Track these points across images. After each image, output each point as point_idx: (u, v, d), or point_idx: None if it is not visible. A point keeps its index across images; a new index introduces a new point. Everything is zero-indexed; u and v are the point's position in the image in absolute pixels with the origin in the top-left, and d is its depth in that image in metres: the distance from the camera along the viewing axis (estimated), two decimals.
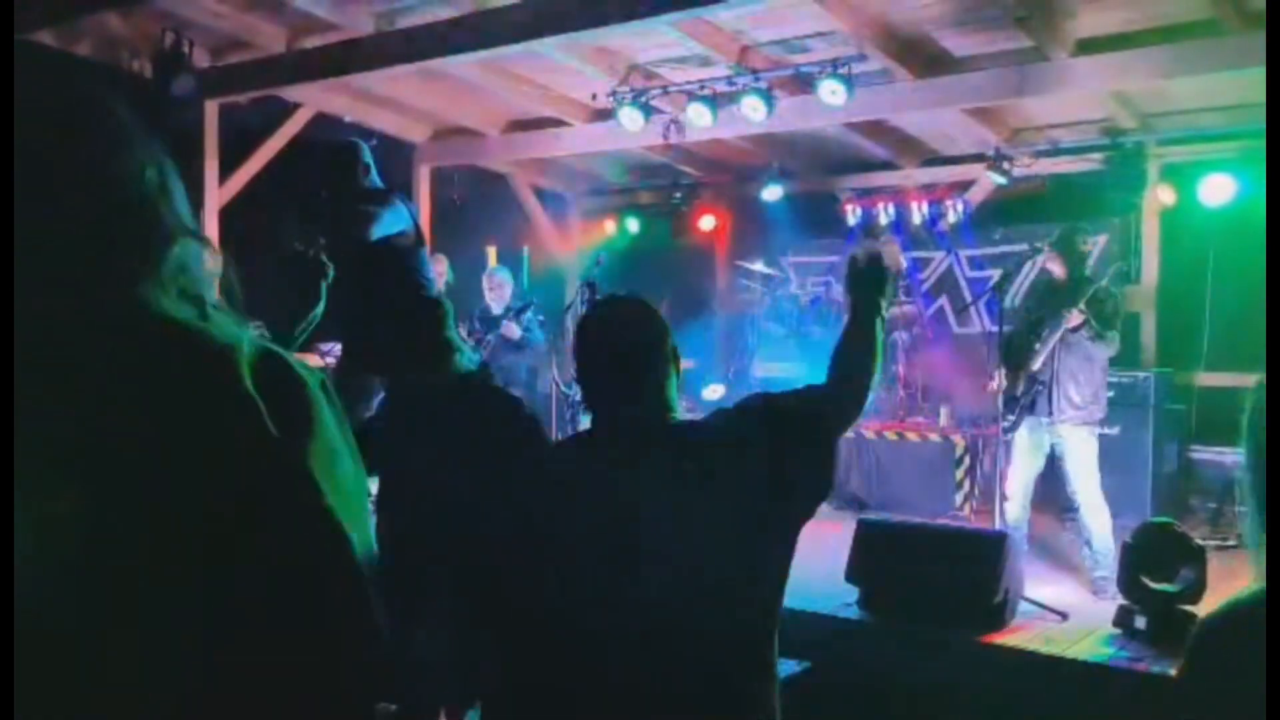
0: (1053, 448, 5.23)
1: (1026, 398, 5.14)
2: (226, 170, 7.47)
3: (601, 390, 2.18)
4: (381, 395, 5.54)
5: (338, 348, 6.45)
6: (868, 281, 2.37)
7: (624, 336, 2.16)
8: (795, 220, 9.52)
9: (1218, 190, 7.42)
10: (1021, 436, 5.21)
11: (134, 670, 0.87)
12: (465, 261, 8.53)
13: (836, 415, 2.24)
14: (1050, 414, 5.12)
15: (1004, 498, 5.18)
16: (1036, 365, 5.11)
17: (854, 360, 2.28)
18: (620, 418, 2.15)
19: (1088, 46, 6.15)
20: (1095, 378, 5.22)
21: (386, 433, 3.47)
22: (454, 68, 6.77)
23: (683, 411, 2.22)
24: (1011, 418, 5.18)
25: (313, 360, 8.13)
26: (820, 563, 4.89)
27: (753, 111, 6.81)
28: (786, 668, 3.94)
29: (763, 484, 2.03)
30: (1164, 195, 7.89)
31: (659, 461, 2.05)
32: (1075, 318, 5.05)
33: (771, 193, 9.30)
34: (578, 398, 6.84)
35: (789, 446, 2.08)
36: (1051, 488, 5.74)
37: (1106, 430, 5.39)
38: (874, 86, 6.81)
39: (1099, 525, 5.03)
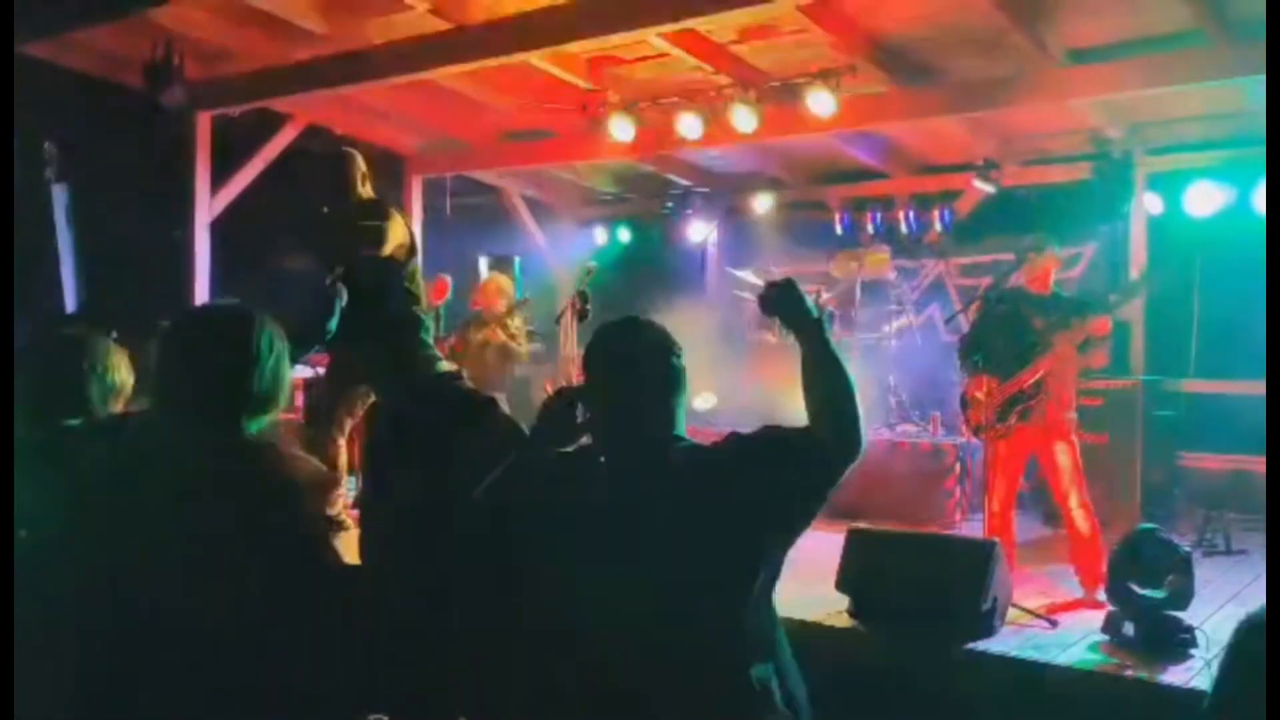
0: (1034, 456, 5.28)
1: (1022, 405, 5.15)
2: (217, 181, 7.48)
3: (610, 410, 2.21)
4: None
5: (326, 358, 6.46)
6: (787, 304, 2.26)
7: (638, 359, 2.21)
8: (785, 229, 9.56)
9: (1204, 199, 7.47)
10: (1003, 446, 5.23)
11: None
12: (457, 272, 8.54)
13: (837, 464, 2.16)
14: (1044, 422, 5.14)
15: (989, 508, 5.21)
16: (1039, 374, 5.12)
17: (831, 397, 2.16)
18: (627, 438, 2.20)
19: (1075, 57, 6.19)
20: (1074, 382, 5.28)
21: (375, 442, 3.48)
22: (445, 79, 6.79)
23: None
24: (1003, 426, 5.19)
25: (300, 370, 8.13)
26: (811, 571, 4.91)
27: (742, 122, 6.85)
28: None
29: (752, 515, 2.09)
30: (1151, 204, 7.94)
31: (661, 483, 2.11)
32: (1107, 324, 5.04)
33: (761, 202, 9.34)
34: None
35: (787, 486, 2.13)
36: (1039, 494, 5.76)
37: (1092, 437, 5.41)
38: (863, 97, 6.85)
39: (1089, 528, 5.07)
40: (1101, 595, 4.66)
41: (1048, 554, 5.75)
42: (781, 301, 2.24)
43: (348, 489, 5.95)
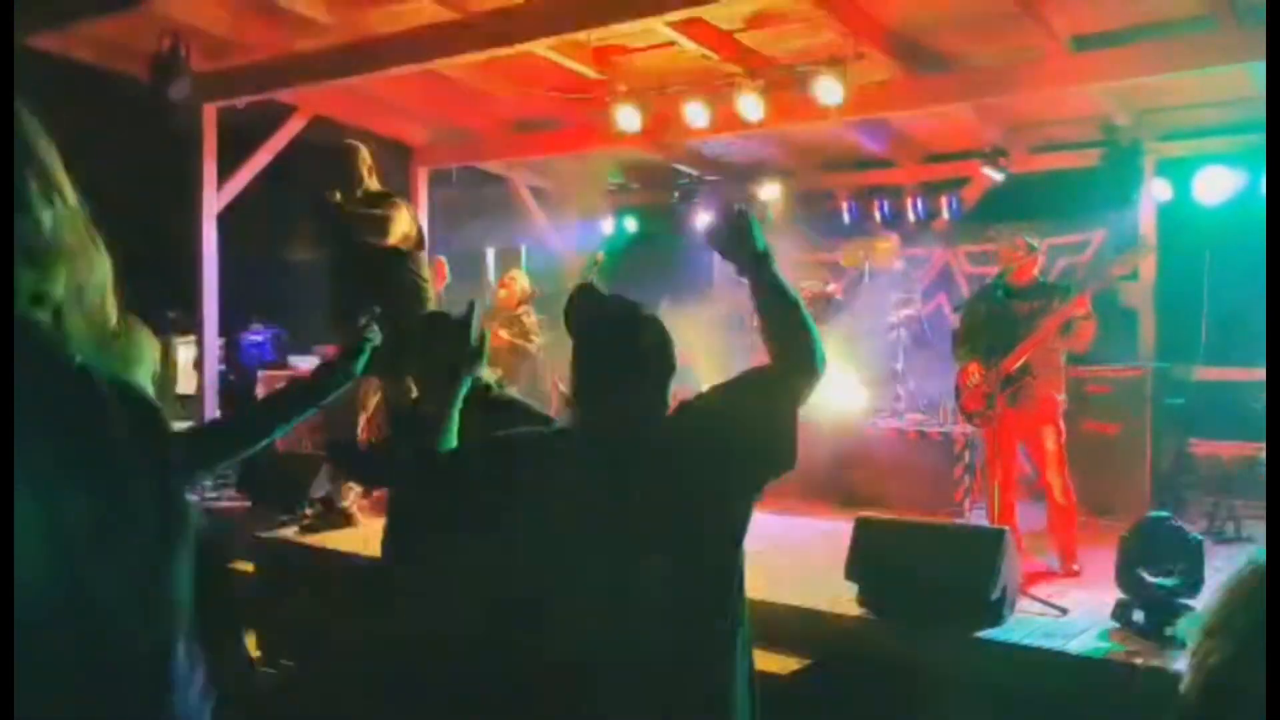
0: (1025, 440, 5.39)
1: (1011, 388, 5.24)
2: (224, 173, 7.48)
3: (589, 386, 2.24)
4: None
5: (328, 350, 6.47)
6: (734, 238, 2.18)
7: (620, 338, 2.21)
8: (793, 218, 9.53)
9: (1213, 185, 7.43)
10: (997, 433, 5.32)
11: None
12: (463, 262, 8.55)
13: (801, 386, 2.16)
14: (1034, 406, 5.23)
15: (991, 497, 5.25)
16: (1023, 359, 5.21)
17: (792, 326, 2.15)
18: (605, 412, 2.21)
19: (1082, 43, 6.17)
20: (1060, 366, 5.37)
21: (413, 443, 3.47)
22: (451, 69, 6.79)
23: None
24: (991, 412, 5.28)
25: (310, 362, 8.14)
26: (819, 560, 4.92)
27: (749, 110, 6.83)
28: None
29: (712, 465, 2.11)
30: (1160, 190, 7.90)
31: (633, 454, 2.14)
32: (1084, 302, 5.12)
33: (768, 191, 9.31)
34: None
35: (742, 426, 2.14)
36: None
37: (1102, 426, 5.47)
38: (870, 84, 6.83)
39: (1068, 504, 5.26)
40: (1077, 565, 5.09)
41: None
42: (731, 236, 2.18)
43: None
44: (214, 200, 7.38)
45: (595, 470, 2.14)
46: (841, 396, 7.83)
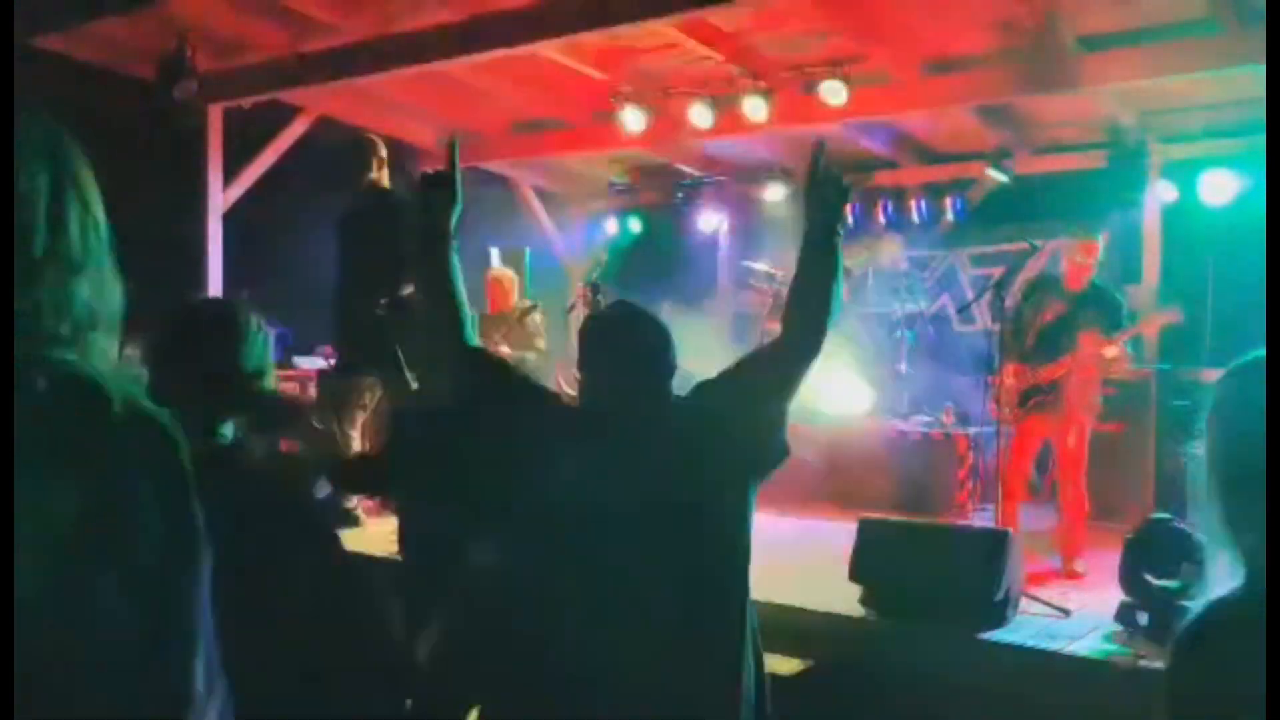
0: (1048, 440, 5.40)
1: (1044, 395, 5.26)
2: (229, 174, 7.49)
3: (601, 383, 2.29)
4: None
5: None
6: (830, 194, 2.27)
7: (631, 341, 2.27)
8: (797, 219, 9.52)
9: (1219, 187, 7.43)
10: (1025, 433, 5.33)
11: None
12: (467, 263, 8.54)
13: (802, 360, 2.21)
14: (1060, 414, 5.25)
15: (1005, 496, 5.25)
16: (1060, 373, 5.24)
17: (818, 298, 2.20)
18: (609, 401, 2.27)
19: (1088, 45, 6.16)
20: (1098, 379, 5.44)
21: (418, 434, 3.47)
22: (456, 70, 6.79)
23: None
24: (1022, 411, 5.30)
25: (314, 362, 8.15)
26: (823, 561, 4.92)
27: (754, 111, 6.83)
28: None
29: (720, 448, 2.16)
30: (1165, 192, 7.90)
31: (645, 442, 2.17)
32: (1114, 350, 5.26)
33: (774, 192, 9.31)
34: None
35: (742, 413, 2.20)
36: (1054, 485, 5.78)
37: (1107, 426, 5.50)
38: (874, 86, 6.83)
39: (1080, 505, 5.30)
40: (1079, 566, 5.09)
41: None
42: (833, 190, 2.27)
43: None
44: (219, 200, 7.39)
45: (599, 444, 2.18)
46: (845, 397, 7.84)
